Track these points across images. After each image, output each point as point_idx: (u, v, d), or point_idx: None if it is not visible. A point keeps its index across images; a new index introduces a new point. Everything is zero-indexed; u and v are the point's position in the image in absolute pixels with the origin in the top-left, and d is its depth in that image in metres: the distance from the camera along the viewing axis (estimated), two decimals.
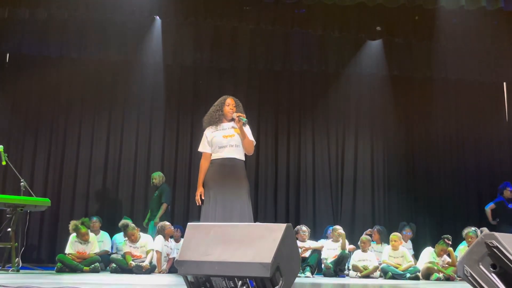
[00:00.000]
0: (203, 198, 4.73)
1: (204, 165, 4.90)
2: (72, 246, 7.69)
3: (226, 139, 4.85)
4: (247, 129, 4.92)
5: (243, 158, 4.90)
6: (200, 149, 4.98)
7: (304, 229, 8.40)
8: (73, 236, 7.78)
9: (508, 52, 9.92)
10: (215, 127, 4.96)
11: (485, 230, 8.57)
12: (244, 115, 4.87)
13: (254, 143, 4.98)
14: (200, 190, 4.78)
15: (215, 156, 4.86)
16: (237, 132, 4.87)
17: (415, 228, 9.35)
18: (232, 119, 4.95)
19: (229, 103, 5.01)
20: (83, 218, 8.05)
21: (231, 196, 4.67)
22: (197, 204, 4.75)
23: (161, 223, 8.20)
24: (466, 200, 10.72)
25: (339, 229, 8.54)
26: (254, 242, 3.38)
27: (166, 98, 10.37)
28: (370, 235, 8.95)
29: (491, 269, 3.67)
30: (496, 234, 3.71)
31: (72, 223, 7.73)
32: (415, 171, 10.83)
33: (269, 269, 3.21)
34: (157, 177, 8.98)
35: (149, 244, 7.67)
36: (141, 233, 7.79)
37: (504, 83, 11.17)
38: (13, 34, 9.51)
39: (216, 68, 10.45)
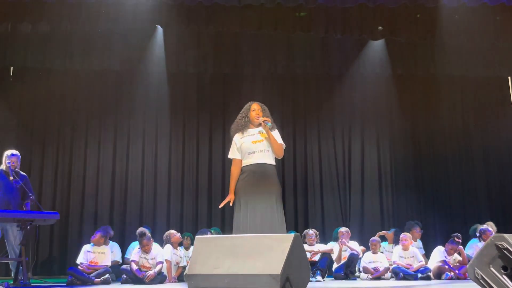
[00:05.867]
0: (231, 205, 4.70)
1: (235, 171, 4.85)
2: (85, 256, 7.72)
3: (254, 144, 4.84)
4: (275, 133, 4.93)
5: (273, 163, 4.88)
6: (230, 155, 4.93)
7: (311, 232, 8.37)
8: (86, 246, 7.84)
9: (511, 46, 9.87)
10: (242, 134, 4.94)
11: (491, 224, 8.56)
12: (269, 119, 4.89)
13: (284, 146, 4.96)
14: (231, 196, 4.75)
15: (245, 162, 4.83)
16: (265, 136, 4.87)
17: (421, 226, 9.33)
18: (259, 125, 4.96)
19: (255, 108, 5.01)
20: None
21: (262, 203, 4.64)
22: (219, 207, 4.82)
23: (168, 232, 8.19)
24: (475, 196, 10.66)
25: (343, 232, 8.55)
26: (263, 253, 3.38)
27: (171, 106, 10.38)
28: (382, 237, 8.92)
29: (502, 271, 3.66)
30: (506, 235, 3.69)
31: None
32: (422, 169, 10.77)
33: (279, 280, 3.21)
34: (16, 160, 7.06)
35: (160, 256, 7.65)
36: (154, 244, 7.77)
37: (509, 77, 11.12)
38: (17, 48, 9.56)
39: (219, 74, 10.46)
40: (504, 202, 10.62)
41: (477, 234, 8.53)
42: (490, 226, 8.47)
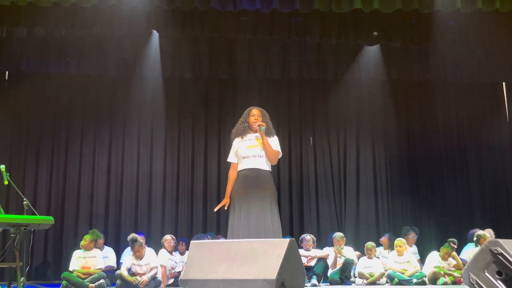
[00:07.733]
0: (225, 209, 4.73)
1: (232, 175, 4.90)
2: (76, 262, 7.70)
3: (249, 149, 4.86)
4: (273, 140, 4.93)
5: (267, 168, 4.87)
6: (228, 159, 5.01)
7: (308, 238, 8.39)
8: (76, 252, 7.81)
9: (506, 52, 9.90)
10: (241, 138, 4.97)
11: (490, 231, 8.56)
12: (263, 124, 4.87)
13: (281, 154, 4.95)
14: (226, 200, 4.78)
15: (239, 167, 4.87)
16: (260, 142, 4.87)
17: (418, 232, 9.33)
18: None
19: (254, 113, 5.01)
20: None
21: (255, 208, 4.64)
22: (214, 210, 4.80)
23: (164, 237, 8.18)
24: (469, 201, 10.69)
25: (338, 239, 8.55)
26: (258, 258, 3.38)
27: (166, 111, 10.35)
28: (377, 242, 8.92)
29: (497, 276, 3.67)
30: (501, 241, 3.70)
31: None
32: (417, 175, 10.80)
33: (274, 285, 3.20)
34: None
35: (153, 261, 7.63)
36: (146, 249, 7.74)
37: (504, 83, 11.15)
38: (12, 53, 9.49)
39: (215, 78, 10.44)
40: (498, 208, 10.64)
41: (474, 239, 8.46)
42: (488, 233, 8.45)
